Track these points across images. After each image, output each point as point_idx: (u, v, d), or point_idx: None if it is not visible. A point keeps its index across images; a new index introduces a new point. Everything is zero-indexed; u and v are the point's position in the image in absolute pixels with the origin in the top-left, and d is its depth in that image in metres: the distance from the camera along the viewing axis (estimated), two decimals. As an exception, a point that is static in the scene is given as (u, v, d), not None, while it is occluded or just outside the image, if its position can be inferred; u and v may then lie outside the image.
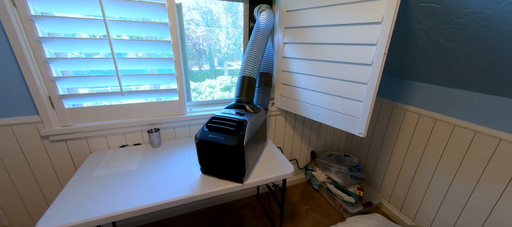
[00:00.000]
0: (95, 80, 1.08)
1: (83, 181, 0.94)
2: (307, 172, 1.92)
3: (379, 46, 0.91)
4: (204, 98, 1.80)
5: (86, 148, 1.18)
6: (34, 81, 0.97)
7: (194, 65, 1.61)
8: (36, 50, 0.95)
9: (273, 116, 1.60)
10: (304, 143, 1.82)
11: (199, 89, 1.79)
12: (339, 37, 1.04)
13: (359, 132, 1.06)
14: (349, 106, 1.08)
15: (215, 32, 1.55)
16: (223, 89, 1.82)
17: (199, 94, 1.80)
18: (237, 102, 1.12)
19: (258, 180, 0.99)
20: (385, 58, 0.91)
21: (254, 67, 1.14)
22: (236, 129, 0.91)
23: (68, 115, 1.10)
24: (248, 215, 1.59)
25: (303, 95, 1.30)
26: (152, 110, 1.25)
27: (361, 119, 1.04)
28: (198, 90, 1.77)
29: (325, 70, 1.15)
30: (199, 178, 0.98)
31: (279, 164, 1.10)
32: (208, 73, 1.75)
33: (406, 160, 1.46)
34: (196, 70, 1.67)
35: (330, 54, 1.10)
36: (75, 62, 1.04)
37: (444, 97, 1.21)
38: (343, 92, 1.09)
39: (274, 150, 1.23)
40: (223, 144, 0.87)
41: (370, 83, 0.97)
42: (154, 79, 1.21)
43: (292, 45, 1.29)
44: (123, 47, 1.08)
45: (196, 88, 1.76)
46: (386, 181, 1.63)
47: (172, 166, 1.06)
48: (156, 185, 0.92)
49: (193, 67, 1.61)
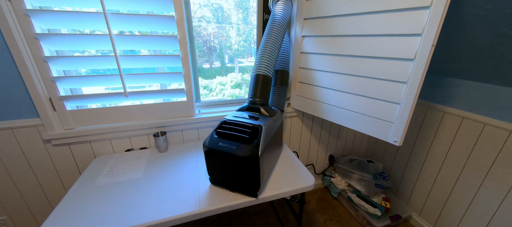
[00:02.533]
0: (97, 80, 1.00)
1: (84, 191, 0.86)
2: (325, 178, 1.77)
3: (425, 36, 0.74)
4: (215, 96, 1.77)
5: (90, 152, 1.11)
6: (33, 81, 0.90)
7: (205, 63, 1.59)
8: (33, 48, 0.87)
9: (289, 118, 1.46)
10: (322, 146, 1.67)
11: (210, 86, 1.76)
12: (373, 27, 0.87)
13: (393, 140, 0.90)
14: (382, 109, 0.92)
15: (226, 29, 1.53)
16: (233, 86, 1.78)
17: (210, 92, 1.80)
18: (251, 104, 0.99)
19: (275, 194, 0.86)
20: (433, 51, 0.74)
21: (269, 64, 1.01)
22: (250, 136, 0.79)
23: (70, 117, 1.03)
24: (261, 223, 1.48)
25: (324, 95, 1.15)
26: (158, 112, 1.16)
27: (398, 125, 0.88)
28: (209, 87, 1.75)
29: (352, 67, 0.98)
30: (208, 190, 0.87)
31: (298, 174, 0.96)
32: (219, 70, 1.71)
33: (443, 168, 1.27)
34: (207, 67, 1.64)
35: (359, 47, 0.94)
36: (75, 61, 0.96)
37: (497, 98, 1.01)
38: (375, 92, 0.92)
39: (291, 157, 1.10)
40: (235, 154, 0.75)
41: (411, 82, 0.80)
42: (160, 78, 1.11)
43: (312, 39, 1.14)
44: (126, 43, 0.99)
45: (207, 85, 1.73)
46: (417, 192, 1.44)
47: (179, 174, 0.96)
48: (161, 197, 0.83)
49: (204, 65, 1.58)
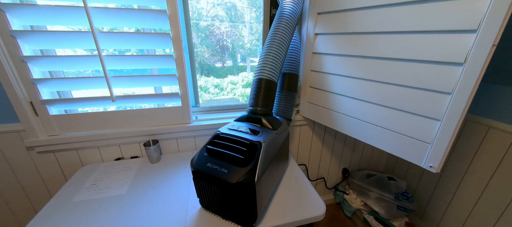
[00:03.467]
0: (81, 83, 0.90)
1: (60, 209, 0.76)
2: (337, 194, 1.58)
3: (482, 33, 0.55)
4: (226, 95, 1.77)
5: (77, 160, 1.02)
6: (10, 83, 0.81)
7: (217, 62, 1.60)
8: (10, 46, 0.78)
9: (298, 126, 1.29)
10: (335, 158, 1.48)
11: (221, 85, 1.78)
12: (407, 21, 0.69)
13: (429, 165, 0.71)
14: (415, 125, 0.73)
15: (238, 27, 1.53)
16: (245, 85, 1.77)
17: (221, 91, 1.81)
18: (251, 113, 0.84)
19: (275, 225, 0.71)
20: (493, 52, 0.55)
21: (274, 67, 0.85)
22: (245, 156, 0.64)
23: (54, 123, 0.94)
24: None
25: (341, 104, 0.97)
26: (151, 118, 1.04)
27: (435, 147, 0.68)
28: (220, 86, 1.76)
29: (376, 71, 0.80)
30: (196, 215, 0.74)
31: (305, 199, 0.80)
32: (231, 69, 1.71)
33: (486, 193, 1.04)
34: (219, 66, 1.66)
35: (387, 47, 0.75)
36: (55, 61, 0.87)
37: None
38: (406, 104, 0.74)
39: (298, 176, 0.94)
40: (224, 180, 0.60)
41: (458, 93, 0.61)
42: (152, 81, 0.99)
43: (327, 37, 0.97)
44: (111, 41, 0.88)
45: (219, 84, 1.75)
46: (449, 218, 1.21)
47: (167, 192, 0.84)
48: (141, 221, 0.70)
49: (216, 64, 1.60)
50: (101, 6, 0.82)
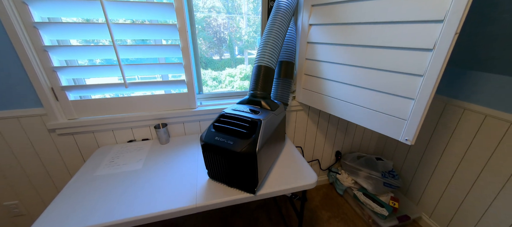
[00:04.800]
0: (97, 70, 0.99)
1: (85, 180, 0.87)
2: (331, 174, 1.72)
3: (447, 22, 0.65)
4: (224, 87, 1.76)
5: (94, 142, 1.12)
6: (34, 71, 0.90)
7: (215, 54, 1.57)
8: (33, 37, 0.87)
9: (294, 112, 1.40)
10: (328, 142, 1.60)
11: (219, 77, 1.75)
12: (387, 13, 0.79)
13: (405, 139, 0.83)
14: (394, 104, 0.84)
15: (236, 19, 1.50)
16: (243, 78, 1.78)
17: (219, 83, 1.79)
18: (252, 97, 0.95)
19: (274, 190, 0.83)
20: (456, 39, 0.65)
21: (272, 55, 0.95)
22: (247, 131, 0.75)
23: (72, 107, 1.03)
24: (263, 218, 1.46)
25: (332, 89, 1.08)
26: (159, 104, 1.14)
27: (410, 122, 0.80)
28: (218, 78, 1.74)
29: (362, 58, 0.91)
30: (205, 184, 0.85)
31: (300, 171, 0.92)
32: (229, 62, 1.71)
33: (460, 169, 1.17)
34: (217, 59, 1.62)
35: (371, 36, 0.85)
36: (74, 50, 0.95)
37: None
38: (387, 86, 0.85)
39: (293, 153, 1.05)
40: (231, 150, 0.71)
41: (428, 75, 0.72)
42: (160, 69, 1.08)
43: (320, 27, 1.06)
44: (124, 32, 0.96)
45: (216, 77, 1.72)
46: (429, 192, 1.36)
47: (178, 166, 0.95)
48: (158, 190, 0.82)
49: (214, 56, 1.57)
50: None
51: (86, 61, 1.16)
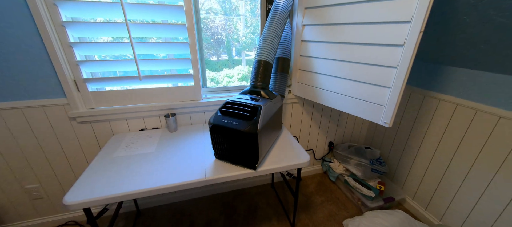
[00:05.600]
0: (114, 65, 1.11)
1: (105, 161, 0.99)
2: (324, 164, 1.86)
3: (413, 23, 0.80)
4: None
5: (109, 130, 1.24)
6: (60, 65, 1.02)
7: (212, 55, 1.62)
8: (61, 34, 0.99)
9: (290, 104, 1.54)
10: (322, 133, 1.74)
11: (217, 78, 1.82)
12: (366, 14, 0.93)
13: (384, 122, 0.97)
14: (374, 93, 0.98)
15: (233, 21, 1.54)
16: (240, 79, 1.84)
17: (217, 84, 1.83)
18: (252, 88, 1.08)
19: (272, 167, 0.96)
20: (421, 37, 0.80)
21: (270, 51, 1.09)
22: (250, 114, 0.88)
23: (92, 98, 1.15)
24: (262, 203, 1.59)
25: (323, 82, 1.22)
26: (168, 95, 1.27)
27: (388, 108, 0.94)
28: (216, 79, 1.81)
29: (347, 54, 1.05)
30: (212, 163, 0.98)
31: (295, 153, 1.06)
32: (226, 63, 1.75)
33: (437, 154, 1.32)
34: (215, 60, 1.67)
35: (354, 35, 1.00)
36: (95, 46, 1.07)
37: (489, 85, 1.05)
38: (368, 77, 0.99)
39: (289, 139, 1.19)
40: (236, 129, 0.85)
41: (400, 67, 0.86)
42: (170, 64, 1.21)
43: (312, 27, 1.20)
44: (140, 30, 1.09)
45: (214, 78, 1.78)
46: (412, 177, 1.50)
47: (187, 150, 1.07)
48: (172, 167, 0.94)
49: (211, 57, 1.62)
50: (135, 2, 1.02)
51: (104, 57, 1.28)
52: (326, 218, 1.47)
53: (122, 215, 1.46)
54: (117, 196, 0.79)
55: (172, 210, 1.51)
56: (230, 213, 1.49)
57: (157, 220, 1.44)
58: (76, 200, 0.76)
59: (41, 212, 1.33)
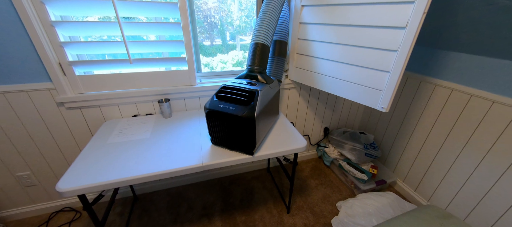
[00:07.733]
0: (102, 46, 1.05)
1: (99, 147, 0.96)
2: (319, 149, 1.88)
3: (417, 4, 0.77)
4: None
5: (100, 116, 1.19)
6: (42, 45, 0.94)
7: (205, 40, 1.55)
8: (40, 12, 0.91)
9: (286, 89, 1.51)
10: (318, 119, 1.75)
11: (210, 64, 1.76)
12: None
13: (381, 107, 0.97)
14: (373, 77, 0.97)
15: (227, 3, 1.44)
16: (235, 64, 1.78)
17: (211, 70, 1.77)
18: (249, 72, 1.05)
19: (269, 153, 0.96)
20: (424, 19, 0.77)
21: (267, 34, 1.04)
22: (247, 99, 0.86)
23: (80, 82, 1.09)
24: (258, 187, 1.62)
25: (321, 66, 1.19)
26: (161, 80, 1.22)
27: (386, 92, 0.94)
28: (210, 65, 1.75)
29: (347, 36, 1.02)
30: (209, 149, 0.97)
31: (291, 138, 1.05)
32: (220, 48, 1.67)
33: (429, 138, 1.36)
34: (208, 44, 1.60)
35: (355, 16, 0.96)
36: (80, 26, 1.00)
37: (484, 69, 1.05)
38: (367, 61, 0.97)
39: (286, 124, 1.18)
40: (233, 114, 0.82)
41: (401, 51, 0.84)
42: (163, 46, 1.15)
43: (311, 8, 1.15)
44: (128, 9, 1.01)
45: (208, 63, 1.73)
46: (403, 160, 1.55)
47: (183, 136, 1.05)
48: (168, 153, 0.92)
49: (204, 42, 1.55)
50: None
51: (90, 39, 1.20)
52: (320, 200, 1.51)
53: (118, 201, 1.46)
54: (112, 183, 0.77)
55: (170, 195, 1.52)
56: (227, 197, 1.52)
57: (155, 204, 1.45)
58: (69, 187, 0.74)
59: (35, 200, 1.31)
